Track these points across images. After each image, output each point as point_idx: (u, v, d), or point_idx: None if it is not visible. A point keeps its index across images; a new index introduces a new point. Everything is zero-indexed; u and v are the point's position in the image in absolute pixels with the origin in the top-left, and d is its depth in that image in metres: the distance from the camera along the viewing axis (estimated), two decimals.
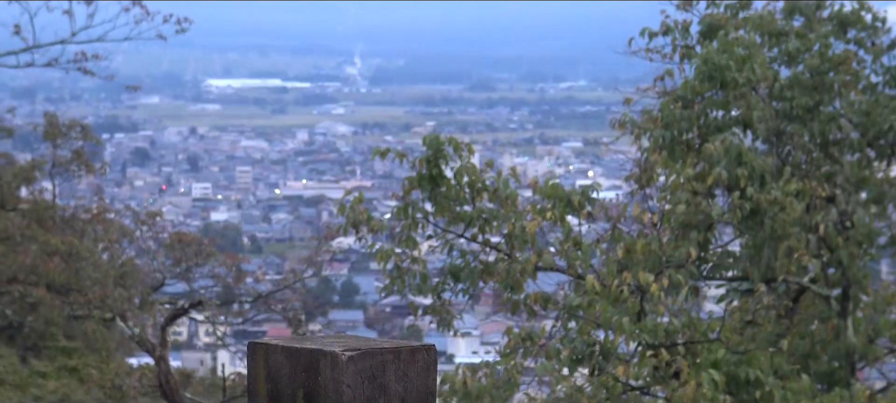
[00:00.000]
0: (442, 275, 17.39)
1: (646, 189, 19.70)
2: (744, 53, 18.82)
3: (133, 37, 28.33)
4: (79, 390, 24.40)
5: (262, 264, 39.51)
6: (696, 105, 19.15)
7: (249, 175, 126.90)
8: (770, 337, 17.56)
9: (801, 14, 20.33)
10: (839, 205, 18.88)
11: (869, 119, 19.24)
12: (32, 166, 29.15)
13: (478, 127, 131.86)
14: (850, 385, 17.44)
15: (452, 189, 17.03)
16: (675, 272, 16.61)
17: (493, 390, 16.09)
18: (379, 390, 3.25)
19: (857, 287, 18.79)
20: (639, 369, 15.68)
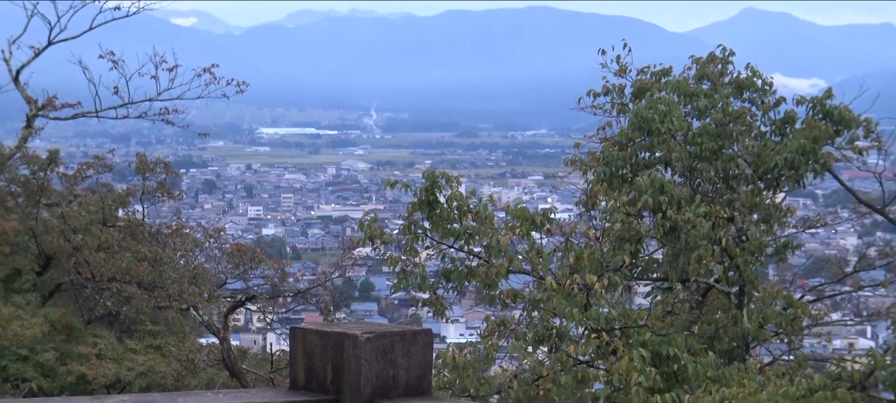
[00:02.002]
0: (437, 276, 17.38)
1: (591, 211, 19.74)
2: (665, 109, 18.82)
3: (204, 95, 28.27)
4: (162, 363, 24.30)
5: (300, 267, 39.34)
6: (629, 148, 19.14)
7: (291, 200, 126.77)
8: (684, 324, 17.54)
9: (708, 79, 20.30)
10: (737, 224, 18.87)
11: (759, 159, 19.22)
12: (127, 193, 29.09)
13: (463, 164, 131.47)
14: (745, 360, 17.44)
15: (445, 211, 17.02)
16: (613, 274, 16.60)
17: (475, 363, 16.08)
18: (389, 363, 3.28)
19: (750, 286, 18.78)
20: (585, 348, 15.65)
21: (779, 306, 19.09)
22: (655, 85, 20.16)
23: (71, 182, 28.98)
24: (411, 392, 3.29)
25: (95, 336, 25.01)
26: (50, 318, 23.84)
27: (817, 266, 32.21)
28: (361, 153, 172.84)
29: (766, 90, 20.42)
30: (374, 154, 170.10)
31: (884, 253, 23.65)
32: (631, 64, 20.86)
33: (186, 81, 28.25)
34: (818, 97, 20.08)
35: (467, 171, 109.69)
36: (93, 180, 29.62)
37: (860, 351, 22.16)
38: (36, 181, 28.11)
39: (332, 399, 3.28)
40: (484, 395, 15.52)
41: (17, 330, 22.49)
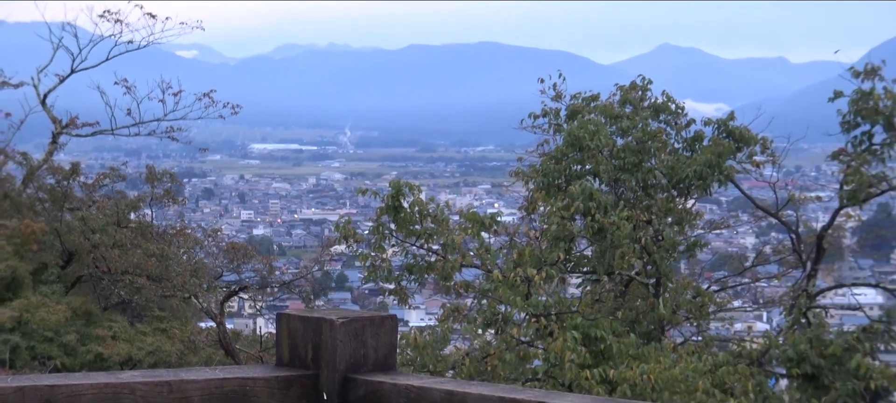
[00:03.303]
0: (401, 270, 17.36)
1: (531, 215, 19.75)
2: (594, 129, 18.87)
3: (203, 116, 28.26)
4: (167, 343, 24.19)
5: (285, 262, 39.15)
6: (564, 162, 19.17)
7: (278, 205, 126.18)
8: (610, 310, 17.59)
9: (630, 104, 20.36)
10: (654, 226, 18.93)
11: (673, 171, 19.28)
12: (138, 199, 28.96)
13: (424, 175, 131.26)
14: (660, 340, 17.50)
15: (408, 215, 17.01)
16: (550, 268, 16.63)
17: (434, 343, 16.06)
18: (360, 344, 3.28)
19: (665, 278, 18.85)
20: (527, 330, 15.67)
21: (689, 295, 19.17)
22: (586, 108, 20.22)
23: (90, 190, 28.86)
24: (379, 368, 3.30)
25: (111, 320, 24.87)
26: (72, 305, 23.72)
27: (721, 261, 32.32)
28: (337, 165, 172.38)
29: (679, 113, 20.51)
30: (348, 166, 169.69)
31: (777, 250, 23.77)
32: (565, 90, 20.92)
33: (189, 104, 28.22)
34: (722, 119, 20.18)
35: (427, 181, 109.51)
36: (108, 188, 29.49)
37: (757, 333, 22.31)
38: (60, 189, 27.98)
39: (312, 374, 3.28)
40: (440, 370, 15.51)
41: (44, 315, 22.39)
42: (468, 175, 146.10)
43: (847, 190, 19.39)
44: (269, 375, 3.27)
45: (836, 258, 24.74)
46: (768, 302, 24.62)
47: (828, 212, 21.29)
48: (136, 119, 28.04)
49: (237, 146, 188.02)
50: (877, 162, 19.43)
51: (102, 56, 28.86)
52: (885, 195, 20.88)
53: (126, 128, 28.27)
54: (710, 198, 23.25)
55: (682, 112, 20.53)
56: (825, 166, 25.16)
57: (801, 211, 21.40)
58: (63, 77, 28.45)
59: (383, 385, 3.20)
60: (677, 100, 20.65)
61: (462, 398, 3.06)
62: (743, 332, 22.77)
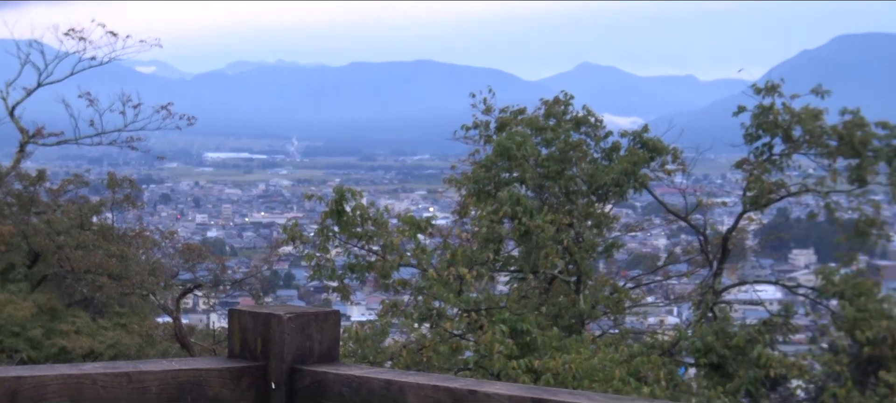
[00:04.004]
0: (344, 269, 17.35)
1: (463, 219, 19.79)
2: (520, 140, 18.93)
3: (161, 127, 28.04)
4: (127, 337, 24.00)
5: (237, 262, 38.95)
6: (493, 170, 19.22)
7: (230, 209, 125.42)
8: (535, 305, 17.64)
9: (554, 117, 20.43)
10: (575, 228, 19.02)
11: (592, 178, 19.38)
12: (100, 204, 28.71)
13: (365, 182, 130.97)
14: (581, 333, 17.58)
15: (350, 218, 16.99)
16: (481, 267, 16.67)
17: (373, 336, 16.05)
18: (306, 337, 3.27)
19: (585, 276, 18.93)
20: (459, 324, 15.70)
21: (607, 292, 19.26)
22: (513, 121, 20.26)
23: (55, 195, 28.57)
24: (323, 360, 3.29)
25: (74, 316, 24.63)
26: (37, 302, 23.46)
27: (636, 260, 32.53)
28: (285, 173, 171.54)
29: (598, 126, 20.61)
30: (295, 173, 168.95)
31: (686, 251, 23.96)
32: (494, 104, 20.95)
33: (148, 116, 27.99)
34: (637, 131, 20.31)
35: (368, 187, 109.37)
36: (72, 193, 29.18)
37: (668, 327, 22.46)
38: (27, 194, 27.67)
39: (261, 365, 3.27)
40: (380, 361, 15.50)
41: (11, 311, 22.14)
42: (406, 182, 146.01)
43: (749, 196, 19.60)
44: (222, 366, 3.26)
45: (740, 258, 24.95)
46: (678, 297, 24.79)
47: (732, 216, 21.46)
48: (98, 129, 27.77)
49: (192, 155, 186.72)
50: (776, 170, 19.66)
51: (67, 71, 28.58)
52: (783, 200, 21.13)
53: (89, 138, 28.00)
54: (626, 203, 23.42)
55: (601, 125, 20.64)
56: (730, 174, 25.39)
57: (708, 215, 21.60)
58: (30, 90, 28.13)
59: (327, 375, 3.20)
60: (596, 114, 20.75)
61: (399, 386, 3.07)
62: (655, 325, 22.92)
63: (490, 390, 2.95)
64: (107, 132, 27.78)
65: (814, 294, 19.61)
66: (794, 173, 20.13)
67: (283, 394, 3.22)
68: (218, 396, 3.20)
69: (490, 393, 2.92)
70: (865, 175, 19.14)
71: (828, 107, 19.52)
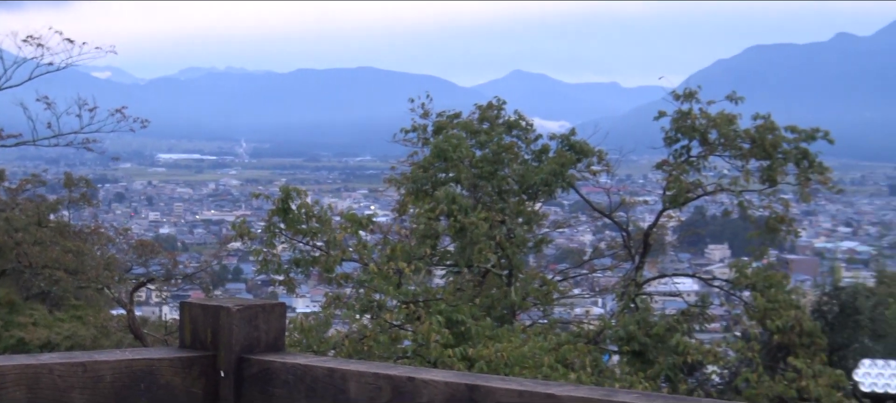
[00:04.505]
0: (289, 264, 17.28)
1: (402, 216, 19.78)
2: (456, 142, 18.96)
3: (116, 130, 27.71)
4: (82, 329, 23.74)
5: (188, 257, 38.65)
6: (430, 170, 19.24)
7: (182, 207, 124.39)
8: (469, 297, 17.67)
9: (487, 121, 20.49)
10: (507, 225, 19.08)
11: (523, 178, 19.45)
12: (57, 202, 28.41)
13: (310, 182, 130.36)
14: (512, 323, 17.64)
15: (296, 216, 16.92)
16: (419, 262, 16.66)
17: (317, 327, 16.00)
18: (254, 328, 3.26)
19: (516, 269, 19.01)
20: (398, 315, 15.68)
21: (536, 284, 19.35)
22: (449, 124, 20.29)
23: (14, 193, 28.20)
24: (270, 349, 3.28)
25: (32, 309, 24.33)
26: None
27: (564, 255, 32.70)
28: (234, 173, 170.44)
29: (528, 129, 20.70)
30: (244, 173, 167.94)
31: (610, 246, 24.11)
32: (432, 109, 20.98)
33: (103, 119, 27.67)
34: (565, 135, 20.42)
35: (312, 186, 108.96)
36: (31, 192, 28.81)
37: (594, 317, 22.57)
38: None
39: (211, 355, 3.25)
40: (323, 351, 15.45)
41: None
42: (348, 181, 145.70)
43: (669, 195, 19.76)
44: (173, 356, 3.24)
45: (660, 252, 25.15)
46: (603, 289, 24.94)
47: (653, 214, 21.65)
48: (55, 131, 27.41)
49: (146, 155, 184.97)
50: (693, 171, 19.85)
51: (25, 76, 28.20)
52: (700, 199, 21.33)
53: (46, 140, 27.63)
54: (555, 201, 23.52)
55: (531, 128, 20.73)
56: (651, 175, 25.61)
57: (631, 213, 21.77)
58: None
59: (273, 363, 3.19)
60: (527, 118, 20.85)
61: (342, 374, 3.07)
62: (581, 316, 23.04)
63: (427, 377, 2.95)
64: (64, 134, 27.44)
65: (728, 286, 19.82)
66: (710, 174, 20.33)
67: (231, 382, 3.21)
68: (169, 384, 3.18)
69: (427, 380, 2.93)
70: (775, 175, 19.37)
71: (741, 113, 19.74)
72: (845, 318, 24.67)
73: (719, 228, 58.97)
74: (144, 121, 29.13)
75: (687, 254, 51.79)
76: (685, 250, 46.90)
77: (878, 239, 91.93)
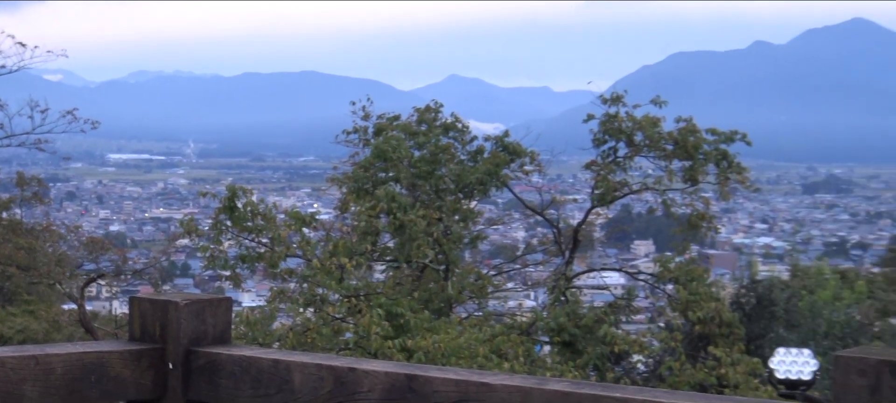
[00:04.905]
0: (235, 259, 17.18)
1: (344, 214, 19.74)
2: (396, 143, 18.95)
3: (67, 130, 27.34)
4: (34, 323, 23.43)
5: (137, 254, 38.28)
6: (371, 170, 19.22)
7: (131, 206, 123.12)
8: (408, 291, 17.68)
9: (425, 123, 20.50)
10: (444, 223, 19.10)
11: (460, 178, 19.49)
12: (10, 200, 28.03)
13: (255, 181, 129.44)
14: (449, 315, 17.67)
15: (242, 213, 16.83)
16: (360, 257, 16.65)
17: (263, 320, 15.94)
18: (201, 321, 3.24)
19: (453, 265, 19.04)
20: (340, 308, 15.66)
21: (472, 278, 19.41)
22: (389, 126, 20.28)
23: None
24: (217, 342, 3.26)
25: None
26: None
27: (498, 251, 32.80)
28: (182, 172, 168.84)
29: (464, 131, 20.74)
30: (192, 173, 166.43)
31: (542, 242, 24.24)
32: (372, 112, 20.95)
33: (54, 120, 27.31)
34: (499, 136, 20.49)
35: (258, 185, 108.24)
36: None
37: (526, 309, 22.68)
38: None
39: (160, 348, 3.22)
40: (268, 343, 15.38)
41: None
42: (292, 181, 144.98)
43: (597, 193, 19.90)
44: (123, 349, 3.21)
45: (588, 248, 25.32)
46: (535, 283, 25.07)
47: (582, 211, 21.78)
48: (8, 132, 27.02)
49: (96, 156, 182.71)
50: (620, 171, 20.00)
51: None
52: (626, 197, 21.50)
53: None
54: (489, 199, 23.59)
55: (467, 130, 20.77)
56: (580, 174, 25.76)
57: (561, 211, 21.88)
58: None
59: (220, 355, 3.17)
60: (463, 121, 20.89)
61: (286, 365, 3.05)
62: (515, 308, 23.13)
63: (368, 367, 2.95)
64: (16, 135, 27.04)
65: (652, 279, 20.00)
66: (636, 173, 20.50)
67: (179, 374, 3.18)
68: (119, 376, 3.15)
69: (368, 370, 2.93)
70: (697, 175, 19.58)
71: (665, 116, 19.92)
72: (762, 309, 25.00)
73: (644, 225, 59.51)
74: (95, 123, 28.79)
75: (614, 250, 52.16)
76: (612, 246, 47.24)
77: (792, 235, 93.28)
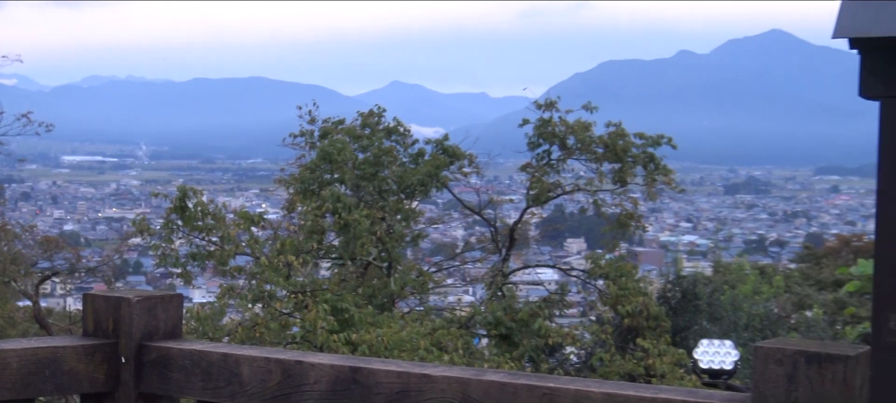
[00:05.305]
0: (186, 257, 17.03)
1: (291, 213, 19.65)
2: (340, 146, 18.89)
3: (22, 133, 26.96)
4: None
5: (91, 252, 37.80)
6: (317, 172, 19.14)
7: (85, 206, 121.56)
8: (352, 287, 17.64)
9: (369, 127, 20.45)
10: (387, 222, 19.08)
11: (402, 179, 19.48)
12: None
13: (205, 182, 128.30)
14: (392, 310, 17.65)
15: (192, 213, 16.69)
16: (306, 255, 16.59)
17: (213, 316, 15.82)
18: (153, 317, 3.22)
19: (395, 262, 19.01)
20: (287, 304, 15.59)
21: (414, 275, 19.38)
22: (334, 130, 20.20)
23: None
24: (168, 337, 3.23)
25: None
26: None
27: (438, 248, 32.83)
28: (134, 174, 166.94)
29: (406, 135, 20.72)
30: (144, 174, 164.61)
31: (480, 240, 24.29)
32: (318, 116, 20.86)
33: (9, 123, 26.90)
34: (439, 140, 20.49)
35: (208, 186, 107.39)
36: None
37: (465, 304, 22.72)
38: None
39: (113, 342, 3.19)
40: (218, 337, 15.26)
41: None
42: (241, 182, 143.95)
43: (532, 194, 19.99)
44: (77, 344, 3.17)
45: (524, 246, 25.42)
46: (473, 279, 25.12)
47: (518, 211, 21.86)
48: None
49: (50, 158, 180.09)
50: (553, 173, 20.11)
51: None
52: (559, 198, 21.62)
53: None
54: (430, 200, 23.59)
55: (409, 134, 20.75)
56: (516, 176, 25.85)
57: (498, 210, 21.94)
58: None
59: (171, 349, 3.14)
60: (405, 125, 20.86)
61: (235, 358, 3.04)
62: (454, 303, 23.17)
63: (314, 360, 2.94)
64: None
65: (584, 275, 20.13)
66: (569, 175, 20.62)
67: (132, 367, 3.16)
68: (73, 370, 3.12)
69: (314, 363, 2.92)
70: (626, 177, 19.74)
71: (596, 121, 20.05)
72: (686, 303, 25.26)
73: (576, 224, 59.87)
74: (49, 126, 28.39)
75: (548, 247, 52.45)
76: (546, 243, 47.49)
77: (715, 234, 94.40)
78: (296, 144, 20.80)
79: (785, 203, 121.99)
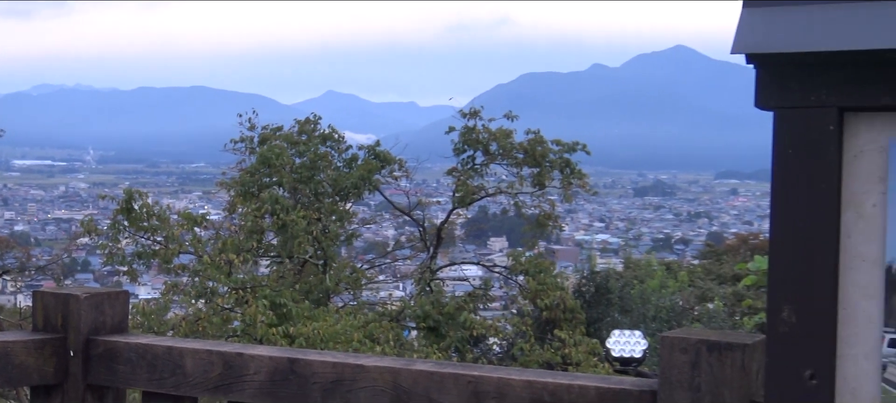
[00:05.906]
0: (132, 256, 16.80)
1: (232, 215, 19.46)
2: (279, 151, 18.78)
3: None
4: None
5: (40, 251, 37.11)
6: (256, 175, 19.00)
7: (35, 208, 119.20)
8: (290, 284, 17.54)
9: (306, 133, 20.35)
10: (323, 222, 18.99)
11: (336, 182, 19.41)
12: None
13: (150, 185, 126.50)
14: (327, 305, 17.58)
15: (138, 214, 16.46)
16: (247, 254, 16.44)
17: (158, 311, 15.62)
18: (100, 313, 3.17)
19: (331, 259, 18.95)
20: (228, 299, 15.45)
21: (347, 272, 19.33)
22: (273, 136, 20.07)
23: None
24: (115, 331, 3.19)
25: None
26: None
27: (370, 247, 32.76)
28: (82, 177, 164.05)
29: (340, 141, 20.65)
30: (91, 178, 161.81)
31: (409, 239, 24.29)
32: (257, 123, 20.70)
33: None
34: (371, 146, 20.46)
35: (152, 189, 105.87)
36: None
37: (396, 299, 22.69)
38: None
39: (61, 337, 3.14)
40: (163, 331, 15.07)
41: None
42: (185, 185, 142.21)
43: (457, 196, 20.05)
44: (27, 338, 3.11)
45: (450, 244, 25.49)
46: (403, 276, 25.10)
47: (444, 212, 21.91)
48: None
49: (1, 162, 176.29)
50: (477, 177, 20.19)
51: None
52: (483, 200, 21.72)
53: None
54: (363, 202, 23.54)
55: (343, 140, 20.69)
56: (443, 180, 25.92)
57: (426, 212, 21.97)
58: None
59: (118, 343, 3.10)
60: (339, 132, 20.80)
61: (179, 351, 3.01)
62: (386, 298, 23.14)
63: (254, 352, 2.93)
64: None
65: (506, 271, 20.24)
66: (491, 179, 20.72)
67: (80, 360, 3.11)
68: (23, 364, 3.06)
69: (254, 355, 2.91)
70: (544, 180, 19.90)
71: (516, 129, 20.18)
72: (600, 297, 25.52)
73: (499, 224, 60.16)
74: (0, 132, 27.83)
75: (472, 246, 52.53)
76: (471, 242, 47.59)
77: (625, 233, 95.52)
78: (236, 150, 20.63)
79: (689, 204, 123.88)
